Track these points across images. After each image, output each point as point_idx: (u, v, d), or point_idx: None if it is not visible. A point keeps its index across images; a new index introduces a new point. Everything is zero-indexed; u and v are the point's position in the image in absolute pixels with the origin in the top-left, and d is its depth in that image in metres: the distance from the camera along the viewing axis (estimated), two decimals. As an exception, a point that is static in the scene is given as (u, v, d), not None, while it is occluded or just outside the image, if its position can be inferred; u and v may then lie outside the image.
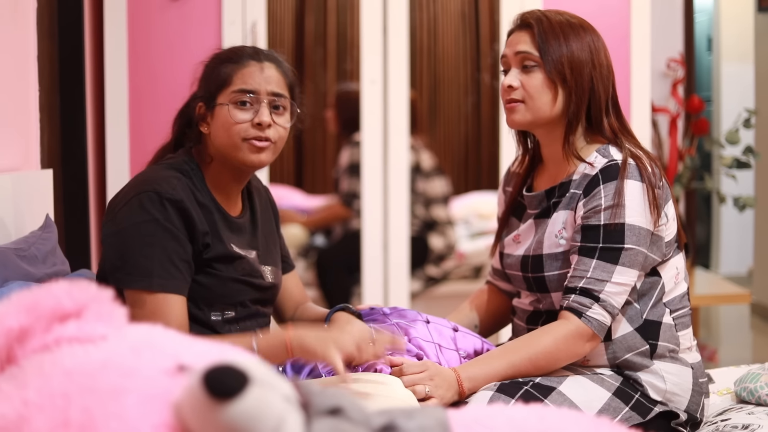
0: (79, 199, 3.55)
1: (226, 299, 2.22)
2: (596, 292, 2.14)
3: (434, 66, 5.23)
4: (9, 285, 2.08)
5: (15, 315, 1.25)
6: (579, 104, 2.25)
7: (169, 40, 3.79)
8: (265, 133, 2.20)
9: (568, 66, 2.23)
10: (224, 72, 2.23)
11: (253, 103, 2.20)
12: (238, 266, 2.23)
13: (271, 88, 2.22)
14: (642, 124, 3.99)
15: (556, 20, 2.26)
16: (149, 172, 2.22)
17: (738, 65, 7.36)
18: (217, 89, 2.23)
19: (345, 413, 1.17)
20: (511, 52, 2.28)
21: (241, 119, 2.19)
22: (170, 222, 2.10)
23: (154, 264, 2.08)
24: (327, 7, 5.14)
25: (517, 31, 2.30)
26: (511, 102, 2.27)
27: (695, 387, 2.26)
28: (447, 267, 4.91)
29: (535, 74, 2.25)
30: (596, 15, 3.79)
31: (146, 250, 2.08)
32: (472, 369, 2.18)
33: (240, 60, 2.24)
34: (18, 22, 2.85)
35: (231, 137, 2.19)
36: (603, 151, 2.24)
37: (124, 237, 2.11)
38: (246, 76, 2.22)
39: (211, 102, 2.23)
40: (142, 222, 2.09)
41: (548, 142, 2.33)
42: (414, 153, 4.72)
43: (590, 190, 2.19)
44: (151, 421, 1.13)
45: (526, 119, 2.27)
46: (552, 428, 1.37)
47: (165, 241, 2.09)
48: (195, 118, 2.27)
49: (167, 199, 2.10)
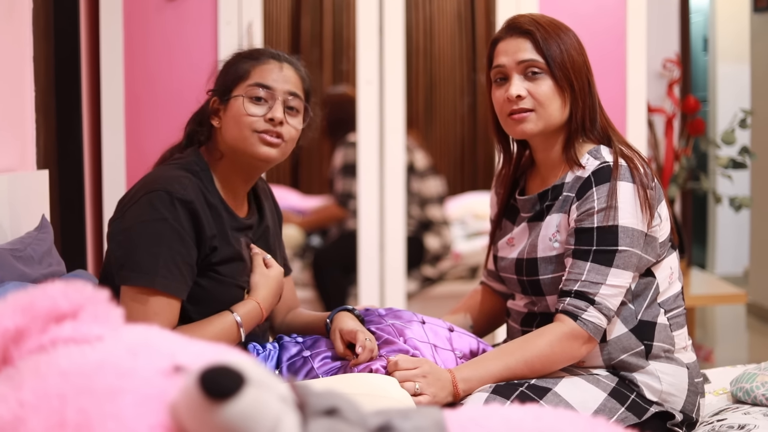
0: (75, 199, 3.55)
1: (227, 303, 2.22)
2: (591, 295, 2.14)
3: (430, 66, 5.23)
4: (5, 286, 2.08)
5: (11, 316, 1.25)
6: (584, 108, 2.25)
7: (165, 40, 3.79)
8: (277, 129, 2.20)
9: (571, 70, 2.23)
10: (243, 67, 2.24)
11: (267, 99, 2.20)
12: (242, 269, 2.23)
13: (287, 87, 2.23)
14: (638, 124, 3.99)
15: (548, 23, 2.26)
16: (159, 172, 2.21)
17: (734, 65, 7.37)
18: (234, 82, 2.23)
19: (341, 414, 1.17)
20: (512, 61, 2.24)
21: (254, 112, 2.19)
22: (179, 223, 2.10)
23: (159, 263, 2.07)
24: (323, 8, 5.14)
25: (511, 38, 2.27)
26: (520, 112, 2.23)
27: (691, 387, 2.26)
28: (443, 267, 4.91)
29: (544, 81, 2.22)
30: (592, 16, 3.81)
31: (153, 249, 2.08)
32: (467, 370, 2.18)
33: (260, 57, 2.26)
34: (13, 23, 2.85)
35: (241, 129, 2.19)
36: (594, 153, 2.23)
37: (131, 234, 2.11)
38: (264, 72, 2.23)
39: (226, 95, 2.24)
40: (150, 220, 2.09)
41: (544, 147, 2.31)
42: (407, 152, 4.72)
43: (583, 192, 2.19)
44: (147, 421, 1.13)
45: (538, 128, 2.24)
46: (548, 428, 1.37)
47: (172, 241, 2.09)
48: (207, 111, 2.27)
49: (178, 199, 2.10)
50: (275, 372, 2.22)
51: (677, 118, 4.64)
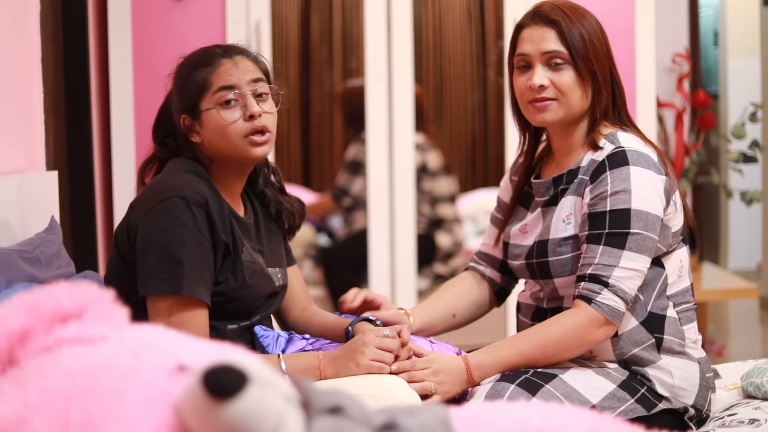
0: (85, 200, 3.55)
1: (241, 307, 2.21)
2: (605, 278, 2.13)
3: (440, 63, 5.23)
4: (13, 287, 2.08)
5: (16, 317, 1.25)
6: (608, 97, 2.27)
7: (174, 40, 3.79)
8: (261, 123, 2.19)
9: (594, 60, 2.23)
10: (200, 77, 2.20)
11: (238, 99, 2.18)
12: (252, 273, 2.21)
13: (249, 77, 2.20)
14: (647, 119, 3.99)
15: (571, 10, 2.26)
16: (168, 178, 2.19)
17: (744, 59, 7.34)
18: (198, 96, 2.19)
19: (345, 412, 1.17)
20: (536, 50, 2.25)
21: (233, 118, 2.17)
22: (197, 228, 2.08)
23: (184, 269, 2.05)
24: (332, 6, 5.14)
25: (536, 26, 2.26)
26: (542, 101, 2.24)
27: (702, 382, 2.26)
28: (455, 264, 4.91)
29: (566, 72, 2.23)
30: (600, 10, 3.79)
31: (176, 255, 2.06)
32: (481, 357, 2.18)
33: (212, 62, 2.21)
34: (21, 25, 2.86)
35: (230, 139, 2.17)
36: (611, 138, 2.24)
37: (151, 243, 2.09)
38: (222, 74, 2.19)
39: (195, 110, 2.20)
40: (170, 228, 2.07)
41: (562, 134, 2.32)
42: (421, 152, 4.73)
43: (597, 176, 2.19)
44: (151, 421, 1.13)
45: (558, 117, 2.25)
46: (555, 424, 1.37)
47: (194, 247, 2.07)
48: (182, 130, 2.23)
49: (194, 204, 2.08)
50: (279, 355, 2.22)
51: (687, 113, 4.62)
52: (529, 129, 2.42)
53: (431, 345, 2.31)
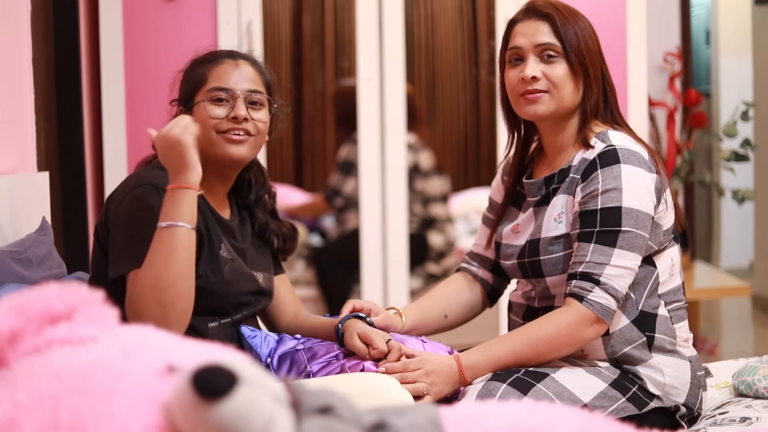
0: (76, 201, 3.55)
1: (220, 304, 2.21)
2: (596, 276, 2.13)
3: (432, 63, 5.23)
4: (4, 288, 2.08)
5: (6, 318, 1.25)
6: (598, 94, 2.28)
7: (165, 40, 3.79)
8: (242, 126, 2.20)
9: (587, 56, 2.25)
10: (200, 72, 2.26)
11: (229, 99, 2.21)
12: (230, 269, 2.22)
13: (246, 85, 2.24)
14: (639, 117, 3.99)
15: (565, 9, 2.28)
16: (143, 172, 2.23)
17: (736, 58, 7.35)
18: (194, 89, 2.25)
19: (335, 412, 1.17)
20: (529, 43, 2.26)
21: (217, 114, 2.21)
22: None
23: (147, 246, 2.04)
24: (324, 6, 5.14)
25: (529, 20, 2.28)
26: (534, 93, 2.25)
27: (693, 380, 2.26)
28: (447, 264, 4.91)
29: (559, 64, 2.25)
30: (592, 8, 3.79)
31: (141, 235, 2.06)
32: (473, 356, 2.18)
33: (215, 60, 2.27)
34: (11, 25, 2.85)
35: (206, 132, 2.19)
36: (602, 137, 2.24)
37: (119, 229, 2.11)
38: (221, 73, 2.24)
39: (189, 102, 2.25)
40: (138, 211, 2.09)
41: (552, 131, 2.32)
42: (413, 152, 4.72)
43: (588, 174, 2.19)
44: (140, 422, 1.13)
45: (550, 109, 2.26)
46: (544, 424, 1.36)
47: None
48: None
49: (164, 190, 2.07)
50: (268, 360, 2.22)
51: (679, 112, 4.63)
52: (518, 128, 2.43)
53: (423, 344, 2.31)
